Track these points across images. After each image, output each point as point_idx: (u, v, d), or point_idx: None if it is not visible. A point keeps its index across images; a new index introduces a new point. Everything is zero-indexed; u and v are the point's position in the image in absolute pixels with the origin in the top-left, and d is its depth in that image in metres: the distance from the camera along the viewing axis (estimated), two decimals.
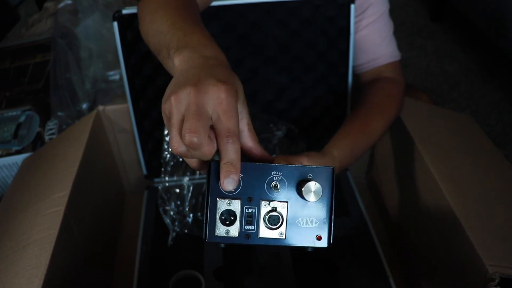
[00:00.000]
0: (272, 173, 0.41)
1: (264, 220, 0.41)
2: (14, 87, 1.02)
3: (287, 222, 0.42)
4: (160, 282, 0.77)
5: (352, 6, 0.76)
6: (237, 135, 0.39)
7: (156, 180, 0.89)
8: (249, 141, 0.43)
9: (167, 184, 0.84)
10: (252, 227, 0.41)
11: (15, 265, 0.57)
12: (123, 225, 0.95)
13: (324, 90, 0.85)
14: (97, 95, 0.95)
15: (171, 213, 0.82)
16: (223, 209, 0.41)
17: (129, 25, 0.76)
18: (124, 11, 0.74)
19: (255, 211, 0.41)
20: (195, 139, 0.36)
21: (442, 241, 0.67)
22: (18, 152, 0.86)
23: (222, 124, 0.38)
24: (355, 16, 0.78)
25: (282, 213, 0.41)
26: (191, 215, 0.82)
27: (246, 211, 0.41)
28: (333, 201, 0.42)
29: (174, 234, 0.82)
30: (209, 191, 0.41)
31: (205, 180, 0.82)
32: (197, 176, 0.83)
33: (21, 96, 0.99)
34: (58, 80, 0.95)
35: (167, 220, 0.82)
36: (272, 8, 0.76)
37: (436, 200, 0.68)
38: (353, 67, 0.83)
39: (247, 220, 0.41)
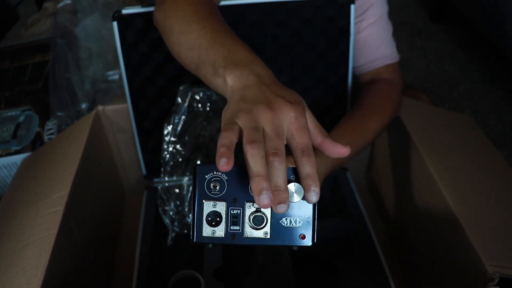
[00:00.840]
0: None
1: (249, 221, 0.43)
2: (13, 87, 1.02)
3: (272, 222, 0.43)
4: (160, 282, 0.77)
5: (352, 7, 0.76)
6: (311, 149, 0.41)
7: (156, 180, 0.89)
8: (317, 137, 0.44)
9: (166, 184, 0.84)
10: (237, 228, 0.43)
11: (14, 265, 0.57)
12: (123, 225, 0.95)
13: (324, 90, 0.84)
14: (96, 95, 0.95)
15: (171, 213, 0.82)
16: (209, 211, 0.43)
17: (129, 25, 0.76)
18: (124, 11, 0.74)
19: (240, 212, 0.43)
20: (279, 158, 0.39)
21: (442, 241, 0.67)
22: (17, 152, 0.86)
23: (296, 141, 0.40)
24: (355, 17, 0.78)
25: (266, 213, 0.43)
26: (190, 215, 0.82)
27: (231, 212, 0.43)
28: (316, 204, 0.43)
29: (173, 234, 0.82)
30: (195, 193, 0.43)
31: None
32: None
33: (20, 96, 0.99)
34: (57, 80, 0.95)
35: (167, 220, 0.82)
36: (272, 8, 0.76)
37: (436, 200, 0.68)
38: (352, 68, 0.83)
39: (232, 221, 0.43)
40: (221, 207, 0.43)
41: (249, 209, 0.43)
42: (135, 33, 0.77)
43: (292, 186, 0.41)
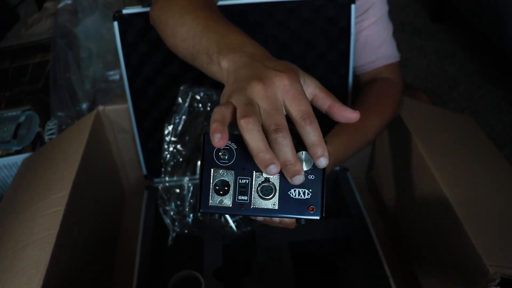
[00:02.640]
0: None
1: (257, 191, 0.42)
2: (13, 87, 1.02)
3: (280, 193, 0.42)
4: (160, 282, 0.77)
5: (353, 6, 0.76)
6: (313, 115, 0.39)
7: (156, 180, 0.89)
8: (325, 101, 0.43)
9: (167, 184, 0.84)
10: (245, 198, 0.42)
11: (14, 265, 0.57)
12: (123, 225, 0.95)
13: None
14: (96, 95, 0.95)
15: (171, 213, 0.82)
16: (217, 179, 0.42)
17: (129, 25, 0.76)
18: (124, 11, 0.74)
19: (248, 181, 0.42)
20: (282, 133, 0.37)
21: (443, 241, 0.67)
22: (17, 152, 0.86)
23: (295, 110, 0.39)
24: (356, 17, 0.78)
25: (275, 183, 0.42)
26: (191, 215, 0.82)
27: (240, 181, 0.42)
28: (325, 175, 0.42)
29: (174, 234, 0.82)
30: (203, 161, 0.42)
31: None
32: (197, 176, 0.83)
33: (20, 96, 0.99)
34: (57, 80, 0.95)
35: (167, 220, 0.82)
36: (273, 8, 0.76)
37: (437, 200, 0.68)
38: (353, 68, 0.83)
39: (240, 191, 0.42)
40: (229, 176, 0.42)
41: (258, 179, 0.42)
42: (136, 33, 0.77)
43: (300, 155, 0.41)
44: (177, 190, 0.84)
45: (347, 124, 0.70)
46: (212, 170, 0.41)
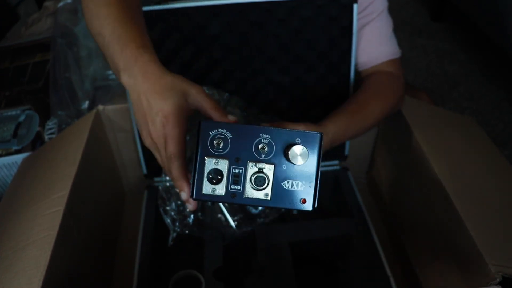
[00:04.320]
0: (261, 135, 0.43)
1: (250, 181, 0.43)
2: (13, 86, 1.02)
3: (273, 184, 0.43)
4: (160, 282, 0.76)
5: (355, 6, 0.76)
6: (176, 156, 0.49)
7: (156, 179, 0.89)
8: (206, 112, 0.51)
9: (167, 184, 0.83)
10: (238, 187, 0.43)
11: (14, 265, 0.57)
12: (123, 225, 0.95)
13: (326, 90, 0.84)
14: (96, 95, 0.95)
15: (172, 213, 0.82)
16: (211, 168, 0.42)
17: None
18: None
19: (242, 171, 0.43)
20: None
21: (444, 241, 0.67)
22: (17, 152, 0.85)
23: (167, 150, 0.49)
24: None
25: (269, 174, 0.42)
26: (191, 215, 0.82)
27: (233, 171, 0.43)
28: (319, 167, 0.43)
29: (174, 234, 0.81)
30: (198, 149, 0.43)
31: None
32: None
33: (20, 95, 0.99)
34: (57, 79, 0.95)
35: (168, 220, 0.81)
36: (274, 7, 0.76)
37: (438, 200, 0.68)
38: (354, 66, 0.83)
39: (233, 180, 0.43)
40: (223, 165, 0.42)
41: (252, 169, 0.43)
42: None
43: (299, 149, 0.41)
44: (178, 190, 0.83)
45: (349, 107, 0.73)
46: (206, 158, 0.42)
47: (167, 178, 0.84)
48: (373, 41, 0.80)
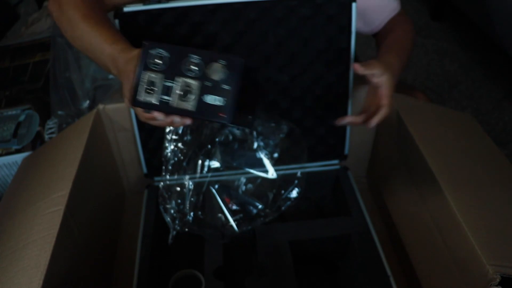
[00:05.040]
0: (190, 55, 0.52)
1: (179, 94, 0.52)
2: (13, 86, 1.02)
3: (198, 98, 0.52)
4: (160, 281, 0.77)
5: (354, 5, 0.76)
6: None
7: (157, 178, 0.89)
8: None
9: (167, 183, 0.83)
10: (169, 98, 0.52)
11: (14, 265, 0.57)
12: (123, 225, 0.95)
13: (324, 89, 0.84)
14: (97, 94, 0.95)
15: (172, 211, 0.82)
16: (147, 80, 0.52)
17: (131, 22, 0.75)
18: (126, 9, 0.74)
19: (172, 85, 0.52)
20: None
21: (443, 241, 0.67)
22: (18, 151, 0.86)
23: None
24: None
25: (195, 89, 0.52)
26: (191, 213, 0.82)
27: (165, 84, 0.52)
28: (238, 87, 0.52)
29: (174, 232, 0.81)
30: (139, 64, 0.52)
31: (206, 179, 0.82)
32: (198, 175, 0.83)
33: (20, 95, 0.99)
34: (58, 79, 0.95)
35: (168, 219, 0.81)
36: (272, 6, 0.76)
37: (437, 199, 0.68)
38: (366, 32, 0.91)
39: (165, 91, 0.52)
40: (158, 79, 0.52)
41: (181, 83, 0.52)
42: (137, 31, 0.76)
43: (218, 66, 0.51)
44: (178, 189, 0.83)
45: (387, 43, 0.82)
46: (144, 72, 0.52)
47: (167, 177, 0.84)
48: (380, 5, 0.89)
